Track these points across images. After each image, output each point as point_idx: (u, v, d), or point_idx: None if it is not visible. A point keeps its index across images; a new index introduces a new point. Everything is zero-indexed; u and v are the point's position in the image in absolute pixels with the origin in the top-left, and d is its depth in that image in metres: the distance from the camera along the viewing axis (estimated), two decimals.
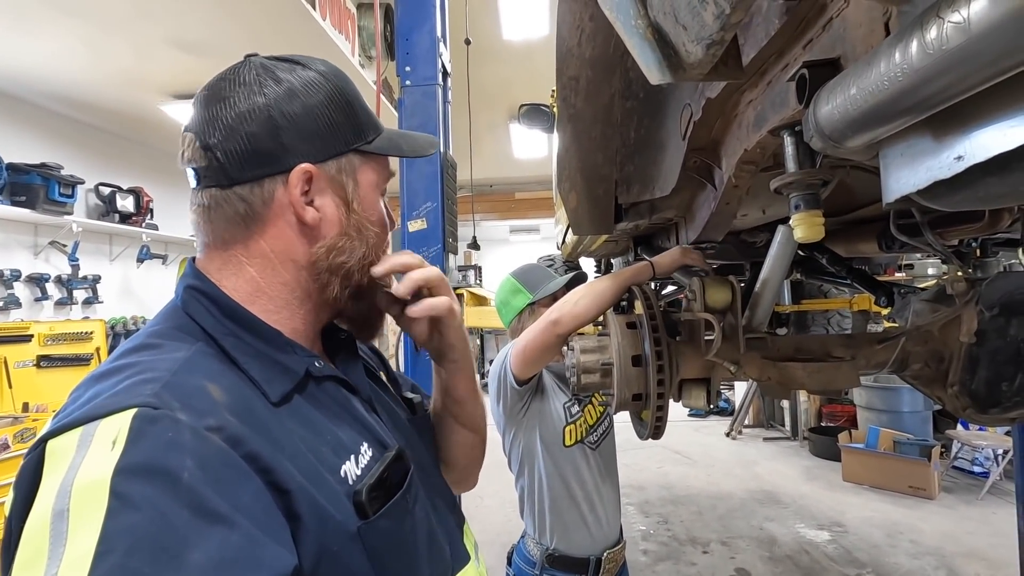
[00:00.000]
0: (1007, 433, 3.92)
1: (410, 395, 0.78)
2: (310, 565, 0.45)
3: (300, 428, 0.52)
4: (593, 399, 1.49)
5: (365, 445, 0.57)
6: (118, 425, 0.41)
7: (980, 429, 4.34)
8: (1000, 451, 4.06)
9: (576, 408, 1.45)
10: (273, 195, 0.57)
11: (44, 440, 0.42)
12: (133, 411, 0.41)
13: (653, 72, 0.46)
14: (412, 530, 0.56)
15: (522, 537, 1.52)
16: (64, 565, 0.34)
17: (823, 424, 5.54)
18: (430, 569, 0.57)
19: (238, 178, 0.56)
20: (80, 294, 4.13)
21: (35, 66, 3.41)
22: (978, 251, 1.30)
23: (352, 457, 0.54)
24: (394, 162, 0.76)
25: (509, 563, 1.53)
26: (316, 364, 0.59)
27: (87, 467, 0.39)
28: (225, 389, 0.48)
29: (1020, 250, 0.86)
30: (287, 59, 0.61)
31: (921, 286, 1.35)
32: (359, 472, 0.54)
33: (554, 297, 1.43)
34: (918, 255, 2.79)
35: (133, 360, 0.49)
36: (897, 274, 3.45)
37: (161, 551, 0.36)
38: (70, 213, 3.81)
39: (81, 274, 4.08)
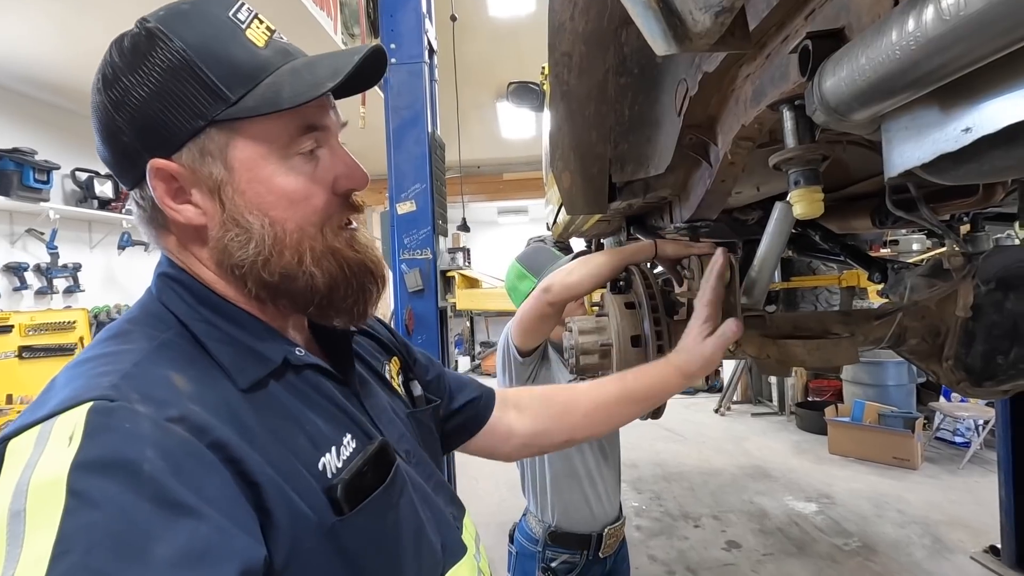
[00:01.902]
0: (988, 404, 4.02)
1: (416, 389, 0.75)
2: (281, 562, 0.43)
3: (275, 418, 0.49)
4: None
5: (348, 436, 0.54)
6: (74, 420, 0.39)
7: (962, 400, 4.45)
8: (981, 421, 4.17)
9: None
10: (154, 197, 0.52)
11: (4, 441, 0.41)
12: (89, 404, 0.40)
13: (658, 42, 0.44)
14: (395, 526, 0.53)
15: (523, 515, 1.54)
16: (20, 567, 0.33)
17: (810, 399, 5.65)
18: (416, 565, 0.54)
19: (127, 184, 0.55)
20: (60, 283, 4.04)
21: (4, 47, 3.29)
22: (969, 226, 1.30)
23: (333, 449, 0.52)
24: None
25: (511, 541, 1.54)
26: (297, 352, 0.56)
27: (43, 465, 0.37)
28: (191, 378, 0.46)
29: (1018, 224, 0.86)
30: (138, 26, 0.52)
31: (909, 261, 1.36)
32: (339, 464, 0.51)
33: None
34: (903, 231, 2.82)
35: (101, 351, 0.48)
36: (883, 250, 3.48)
37: (123, 547, 0.35)
38: (46, 200, 3.71)
39: (61, 262, 3.99)
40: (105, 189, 4.27)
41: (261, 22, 0.55)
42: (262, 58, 0.52)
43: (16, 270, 3.71)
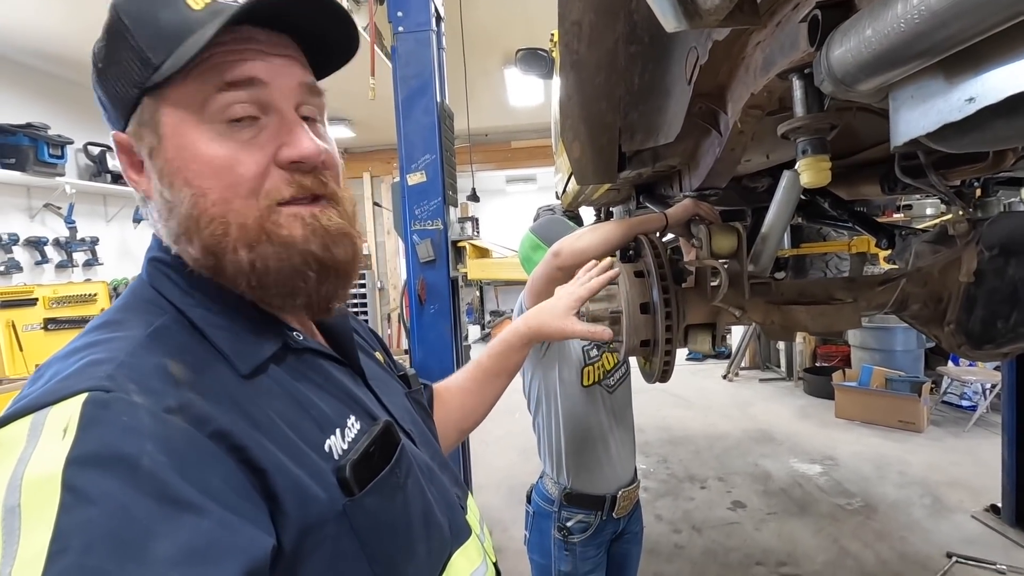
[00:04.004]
0: (996, 368, 4.03)
1: (406, 370, 0.76)
2: (292, 545, 0.42)
3: (278, 402, 0.49)
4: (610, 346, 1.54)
5: (352, 418, 0.54)
6: (69, 412, 0.38)
7: (970, 365, 4.47)
8: (988, 385, 4.19)
9: (595, 352, 1.50)
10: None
11: None
12: (84, 396, 0.38)
13: (669, 19, 0.46)
14: (404, 506, 0.52)
15: (540, 477, 1.60)
16: (17, 565, 0.32)
17: (818, 364, 5.68)
18: (426, 546, 0.54)
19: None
20: (80, 256, 4.11)
21: (13, 20, 3.27)
22: (979, 191, 1.30)
23: (338, 431, 0.51)
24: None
25: (528, 501, 1.61)
26: (296, 336, 0.55)
27: (37, 459, 0.36)
28: (189, 365, 0.45)
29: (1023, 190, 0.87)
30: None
31: (920, 227, 1.37)
32: (345, 446, 0.51)
33: None
34: (917, 196, 2.79)
35: (94, 338, 0.46)
36: (896, 215, 3.45)
37: (122, 545, 0.33)
38: (62, 174, 3.74)
39: (79, 236, 4.05)
40: (117, 163, 4.28)
41: None
42: (190, 19, 0.47)
43: (37, 244, 3.78)
